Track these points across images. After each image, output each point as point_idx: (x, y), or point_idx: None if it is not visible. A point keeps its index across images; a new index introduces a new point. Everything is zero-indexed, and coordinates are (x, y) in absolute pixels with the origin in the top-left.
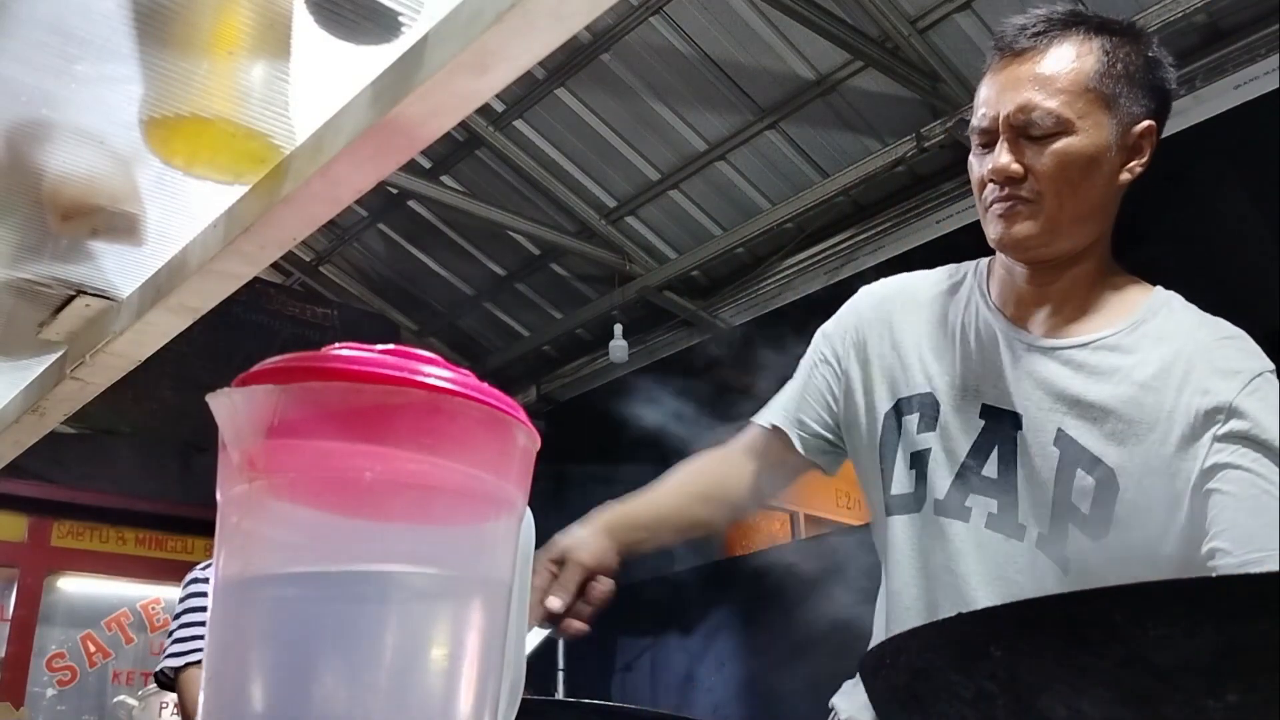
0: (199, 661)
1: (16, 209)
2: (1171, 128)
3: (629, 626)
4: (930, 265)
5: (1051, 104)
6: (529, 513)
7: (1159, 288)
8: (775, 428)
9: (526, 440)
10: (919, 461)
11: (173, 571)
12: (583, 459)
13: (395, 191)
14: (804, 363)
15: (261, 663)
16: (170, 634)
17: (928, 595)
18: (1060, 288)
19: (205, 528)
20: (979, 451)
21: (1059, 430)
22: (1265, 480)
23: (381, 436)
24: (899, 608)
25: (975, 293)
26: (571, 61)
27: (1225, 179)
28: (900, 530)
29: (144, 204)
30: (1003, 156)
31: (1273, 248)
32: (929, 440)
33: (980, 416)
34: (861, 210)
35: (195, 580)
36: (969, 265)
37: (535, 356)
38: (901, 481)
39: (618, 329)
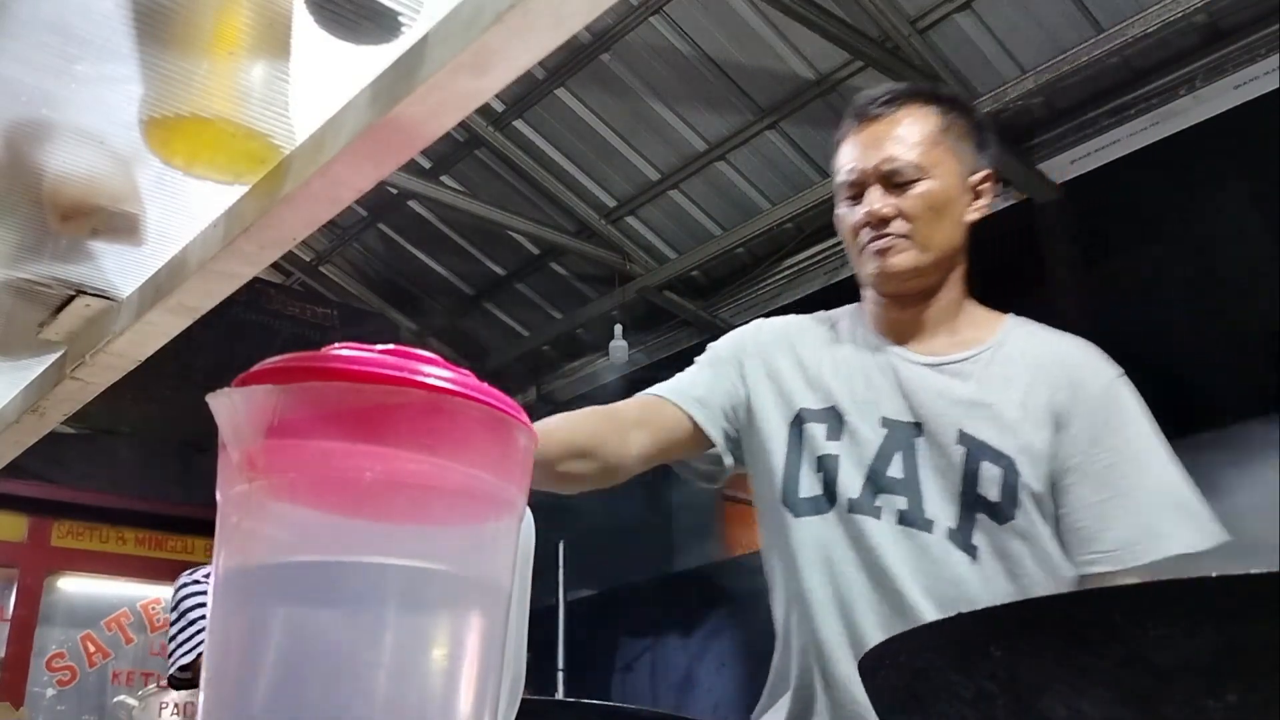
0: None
1: (16, 209)
2: (1171, 127)
3: (629, 626)
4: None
5: (911, 155)
6: (529, 513)
7: (1010, 314)
8: (677, 405)
9: (526, 440)
10: (825, 466)
11: (173, 571)
12: None
13: (395, 191)
14: (706, 363)
15: (261, 661)
16: (173, 638)
17: (843, 590)
18: (931, 315)
19: (205, 528)
20: (883, 456)
21: (960, 430)
22: (1117, 471)
23: (381, 436)
24: (813, 603)
25: (858, 327)
26: (571, 61)
27: (1225, 179)
28: (809, 530)
29: (144, 204)
30: (876, 202)
31: (1273, 248)
32: (836, 447)
33: (881, 426)
34: None
35: (185, 585)
36: (841, 310)
37: (535, 356)
38: (809, 485)
39: (618, 329)
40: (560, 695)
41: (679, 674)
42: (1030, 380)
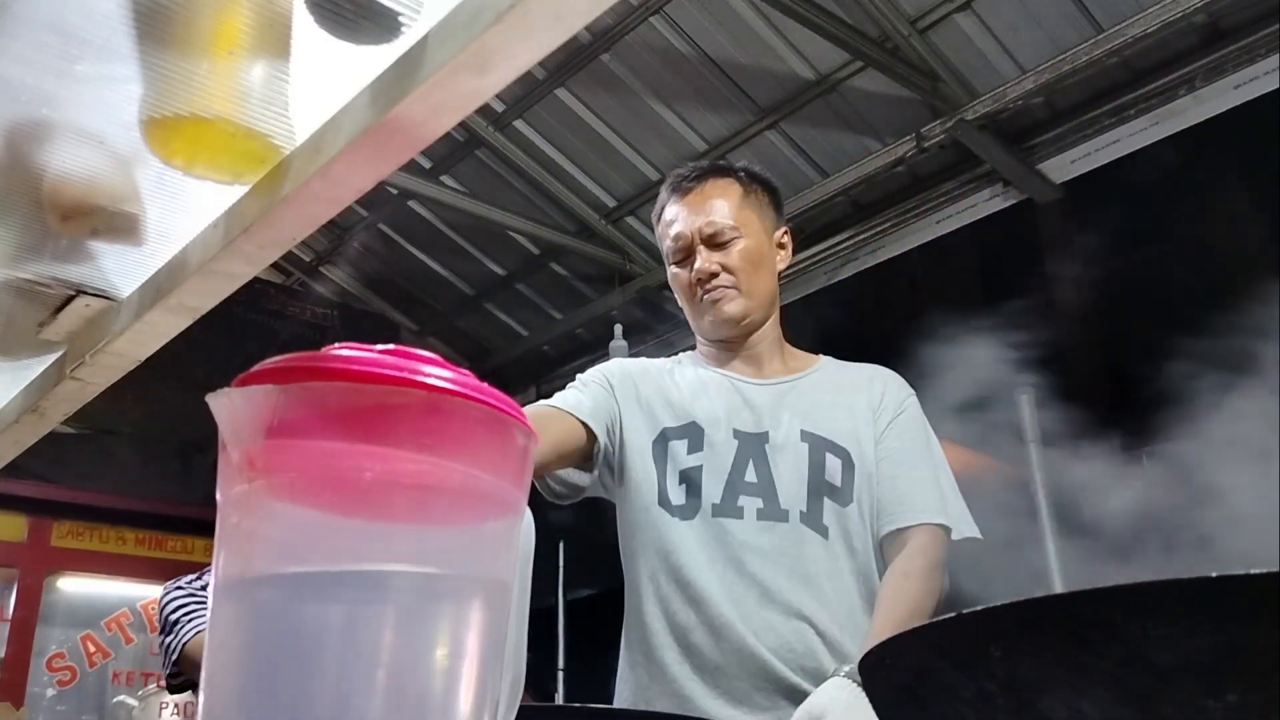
0: (196, 633)
1: (16, 209)
2: (1171, 127)
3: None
4: (930, 265)
5: (726, 220)
6: (529, 513)
7: (822, 354)
8: (575, 417)
9: (526, 440)
10: (689, 477)
11: (173, 572)
12: None
13: (395, 191)
14: (581, 386)
15: (261, 662)
16: (162, 645)
17: (723, 580)
18: (759, 350)
19: (205, 528)
20: (739, 465)
21: (801, 430)
22: (905, 460)
23: (381, 436)
24: (698, 595)
25: (698, 365)
26: (571, 61)
27: (1225, 179)
28: (685, 532)
29: (144, 204)
30: (703, 261)
31: (1273, 248)
32: (699, 459)
33: (734, 438)
34: (861, 210)
35: (176, 587)
36: (679, 355)
37: (535, 356)
38: (676, 494)
39: (618, 329)
40: (560, 695)
41: None
42: (851, 391)
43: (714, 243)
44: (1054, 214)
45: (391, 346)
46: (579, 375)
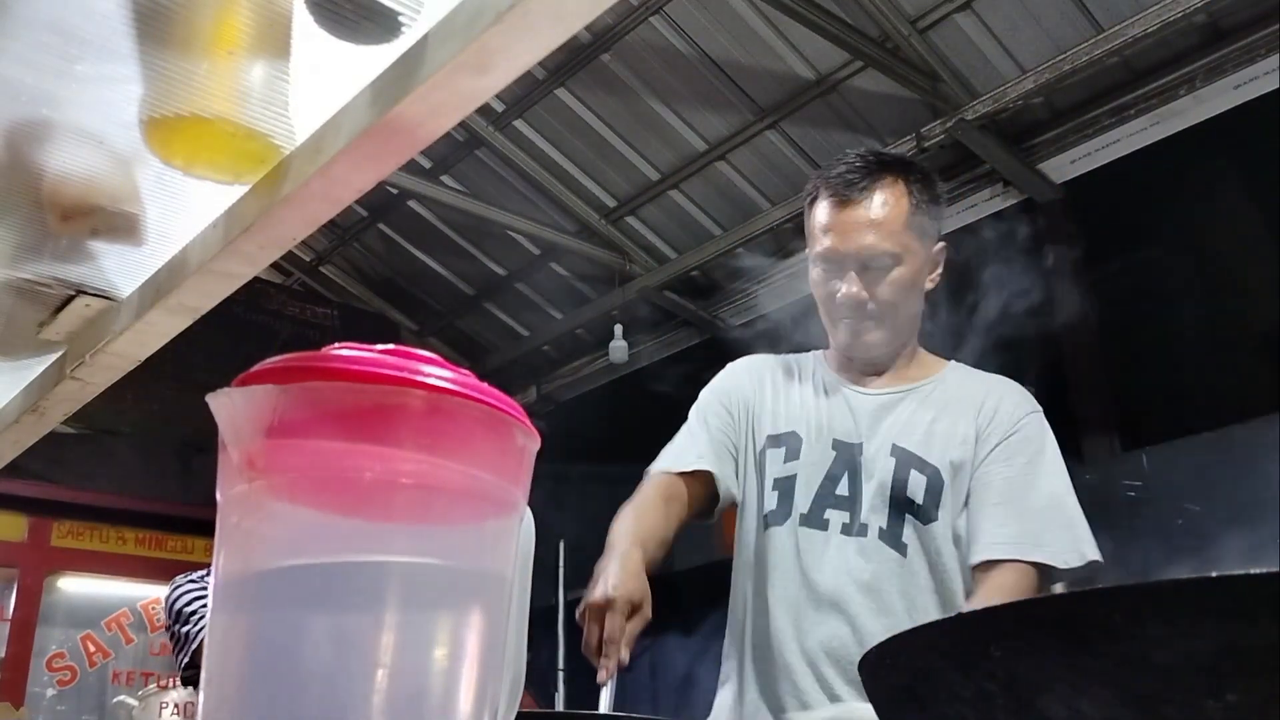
0: None
1: (16, 209)
2: (1171, 127)
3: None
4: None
5: (887, 245)
6: (529, 513)
7: (953, 360)
8: (700, 471)
9: (526, 440)
10: (783, 486)
11: (173, 571)
12: (583, 459)
13: (395, 191)
14: (700, 416)
15: (261, 661)
16: (178, 634)
17: (804, 591)
18: (887, 364)
19: (205, 528)
20: (833, 475)
21: (893, 444)
22: (1015, 484)
23: (381, 436)
24: (785, 602)
25: (819, 370)
26: (571, 61)
27: (1225, 179)
28: (777, 540)
29: (144, 204)
30: (853, 287)
31: (1272, 248)
32: (794, 468)
33: (832, 448)
34: None
35: (189, 581)
36: (807, 355)
37: (535, 356)
38: (769, 501)
39: (618, 329)
40: (561, 695)
41: (679, 674)
42: (960, 409)
43: (869, 267)
44: (1054, 214)
45: (391, 346)
46: (698, 404)
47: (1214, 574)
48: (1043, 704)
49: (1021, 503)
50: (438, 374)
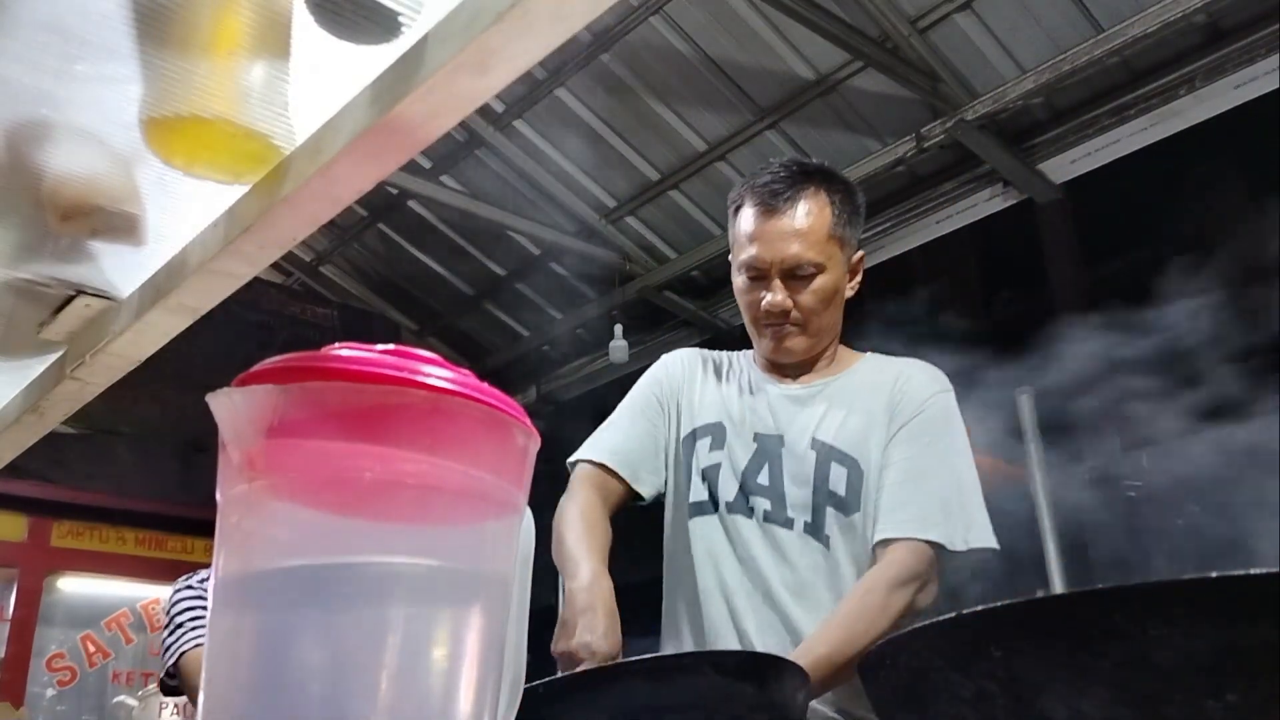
0: (197, 645)
1: (16, 209)
2: (1171, 127)
3: (629, 626)
4: (929, 265)
5: (810, 255)
6: (529, 513)
7: (870, 352)
8: (609, 468)
9: (526, 440)
10: (709, 476)
11: (173, 571)
12: None
13: (395, 191)
14: (630, 406)
15: (261, 661)
16: (164, 643)
17: (724, 579)
18: (808, 363)
19: (205, 528)
20: (754, 465)
21: (813, 438)
22: (916, 464)
23: (381, 436)
24: (701, 591)
25: (747, 369)
26: (571, 61)
27: (1225, 179)
28: (699, 530)
29: (144, 204)
30: (778, 295)
31: (1273, 247)
32: (719, 457)
33: (753, 440)
34: None
35: (179, 589)
36: (737, 354)
37: (535, 356)
38: (697, 490)
39: (618, 329)
40: None
41: None
42: (874, 394)
43: (793, 275)
44: (1054, 214)
45: (391, 346)
46: (630, 394)
47: (1214, 574)
48: (1043, 704)
49: (921, 482)
50: (438, 374)
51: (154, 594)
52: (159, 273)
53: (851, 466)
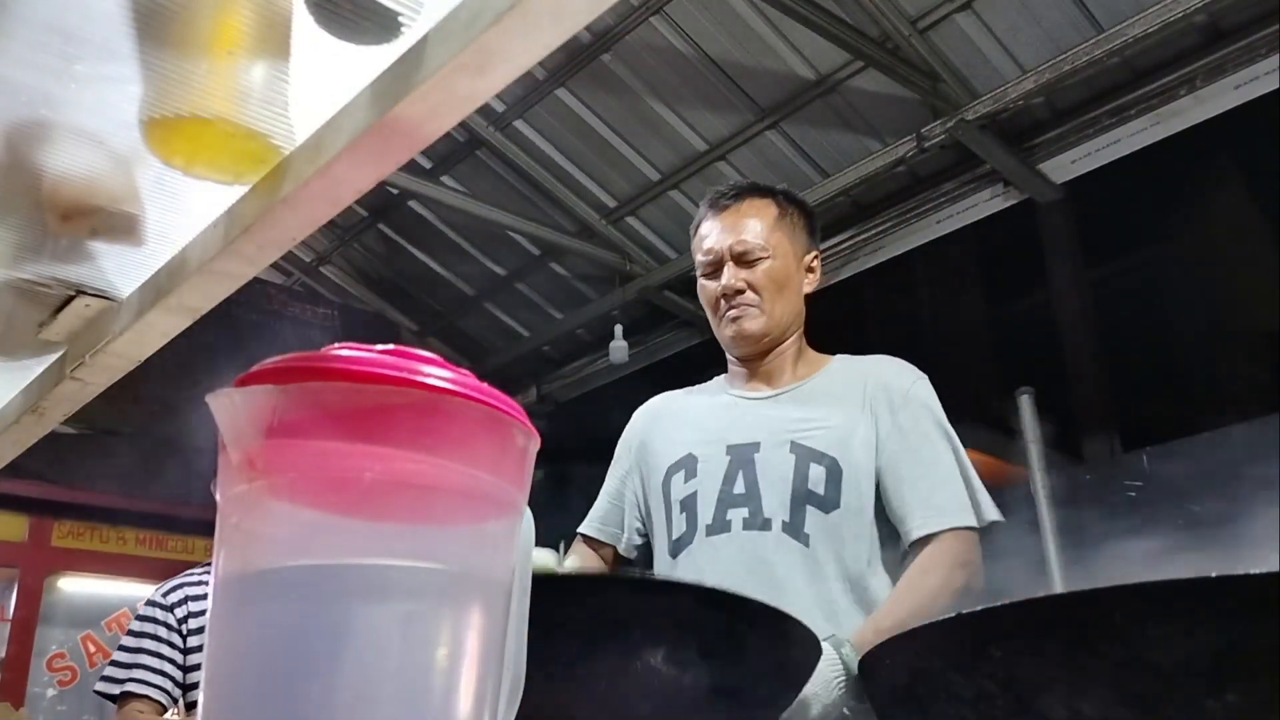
0: (138, 694)
1: (16, 209)
2: (1171, 127)
3: None
4: (929, 265)
5: (755, 240)
6: (529, 513)
7: (838, 355)
8: (597, 540)
9: (526, 440)
10: (688, 505)
11: (172, 572)
12: (583, 459)
13: (395, 191)
14: (611, 468)
15: (260, 661)
16: (113, 658)
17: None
18: (774, 366)
19: (205, 528)
20: (729, 476)
21: (791, 441)
22: (916, 456)
23: (381, 436)
24: None
25: (722, 386)
26: (571, 61)
27: (1225, 179)
28: (689, 560)
29: (144, 204)
30: (731, 277)
31: (1273, 247)
32: (693, 486)
33: (726, 454)
34: (861, 210)
35: (152, 603)
36: (712, 380)
37: (535, 356)
38: (678, 525)
39: (618, 329)
40: None
41: None
42: (848, 393)
43: (743, 260)
44: (1054, 214)
45: (391, 346)
46: (616, 451)
47: (1214, 574)
48: (1043, 704)
49: (936, 471)
50: (437, 374)
51: None
52: (159, 273)
53: (830, 465)
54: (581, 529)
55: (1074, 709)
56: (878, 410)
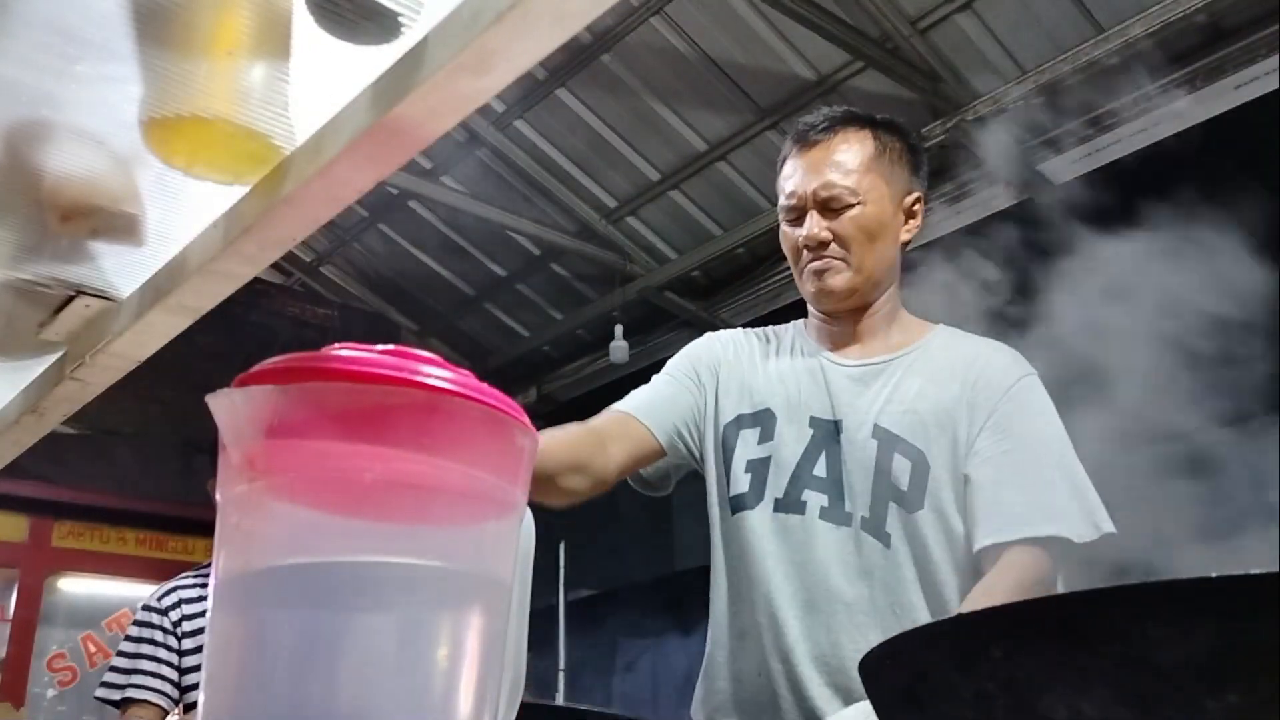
0: (139, 699)
1: (16, 209)
2: (1172, 128)
3: (629, 626)
4: (930, 265)
5: (847, 182)
6: (529, 513)
7: (940, 324)
8: (641, 422)
9: (526, 440)
10: (755, 468)
11: (172, 572)
12: None
13: (395, 192)
14: (665, 377)
15: (261, 661)
16: (111, 663)
17: (788, 581)
18: (865, 327)
19: (205, 528)
20: (809, 456)
21: (875, 425)
22: (1014, 457)
23: (381, 436)
24: (760, 593)
25: (798, 339)
26: (571, 61)
27: (1225, 179)
28: (751, 525)
29: (144, 204)
30: (814, 227)
31: (1273, 248)
32: (767, 450)
33: (809, 426)
34: None
35: (148, 608)
36: (787, 325)
37: (535, 356)
38: (739, 483)
39: (618, 329)
40: (561, 695)
41: (679, 673)
42: (946, 378)
43: (828, 207)
44: (1054, 214)
45: (391, 346)
46: (670, 361)
47: (1214, 574)
48: (1043, 704)
49: (1023, 477)
50: (437, 374)
51: None
52: (159, 273)
53: (916, 458)
54: (620, 406)
55: (1074, 709)
56: (975, 404)
